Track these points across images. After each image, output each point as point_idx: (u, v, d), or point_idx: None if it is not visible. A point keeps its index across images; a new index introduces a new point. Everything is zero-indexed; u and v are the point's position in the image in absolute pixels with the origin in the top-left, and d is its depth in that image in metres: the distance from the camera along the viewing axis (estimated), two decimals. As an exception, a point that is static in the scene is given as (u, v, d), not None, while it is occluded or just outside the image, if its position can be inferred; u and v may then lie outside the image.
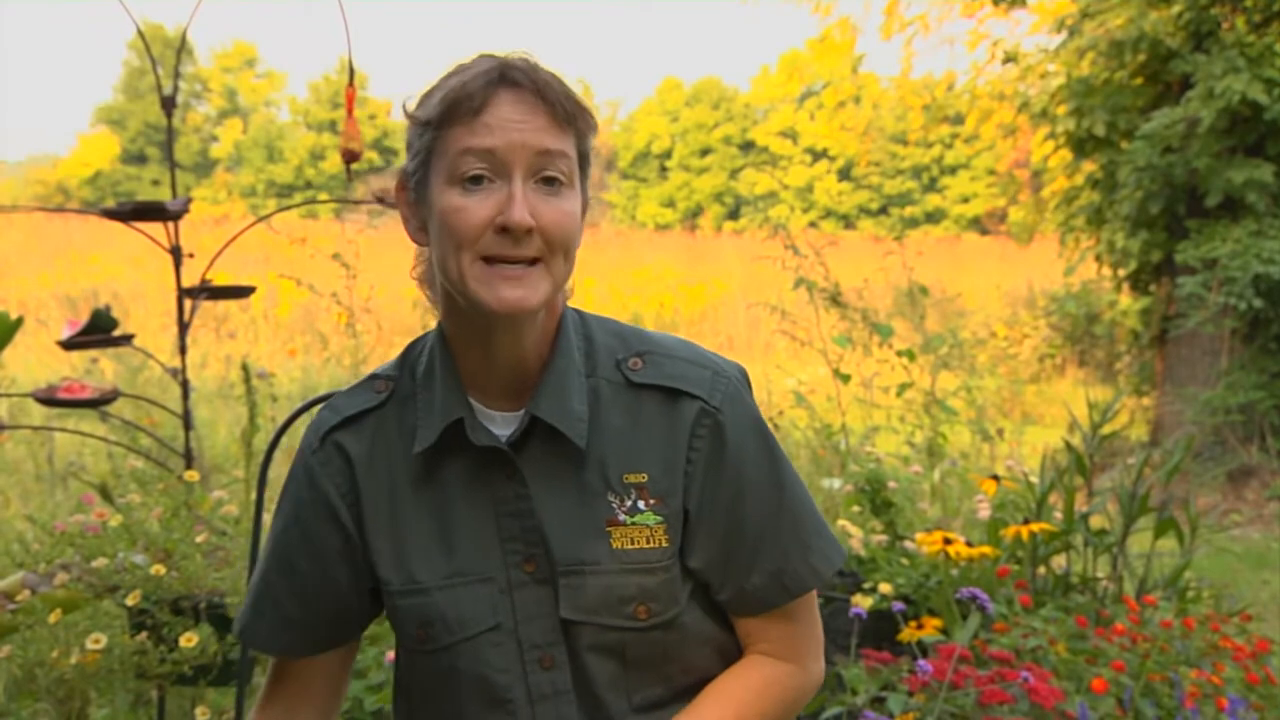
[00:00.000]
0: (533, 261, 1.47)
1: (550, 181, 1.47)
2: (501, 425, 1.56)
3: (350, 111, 3.42)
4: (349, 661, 1.73)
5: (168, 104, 3.64)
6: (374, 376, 1.66)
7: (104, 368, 8.25)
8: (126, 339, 3.65)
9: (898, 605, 3.27)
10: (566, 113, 1.47)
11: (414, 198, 1.54)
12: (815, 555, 1.61)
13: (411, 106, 1.52)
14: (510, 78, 1.46)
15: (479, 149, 1.44)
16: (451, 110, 1.46)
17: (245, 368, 3.77)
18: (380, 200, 3.73)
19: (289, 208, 4.63)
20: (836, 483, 5.26)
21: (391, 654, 3.25)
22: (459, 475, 1.56)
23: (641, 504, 1.54)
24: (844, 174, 36.72)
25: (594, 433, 1.55)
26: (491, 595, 1.56)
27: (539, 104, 1.46)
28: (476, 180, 1.45)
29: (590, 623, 1.54)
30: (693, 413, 1.55)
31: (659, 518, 1.54)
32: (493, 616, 1.56)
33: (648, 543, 1.53)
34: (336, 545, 1.62)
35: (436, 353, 1.59)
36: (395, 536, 1.59)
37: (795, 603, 1.62)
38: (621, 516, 1.54)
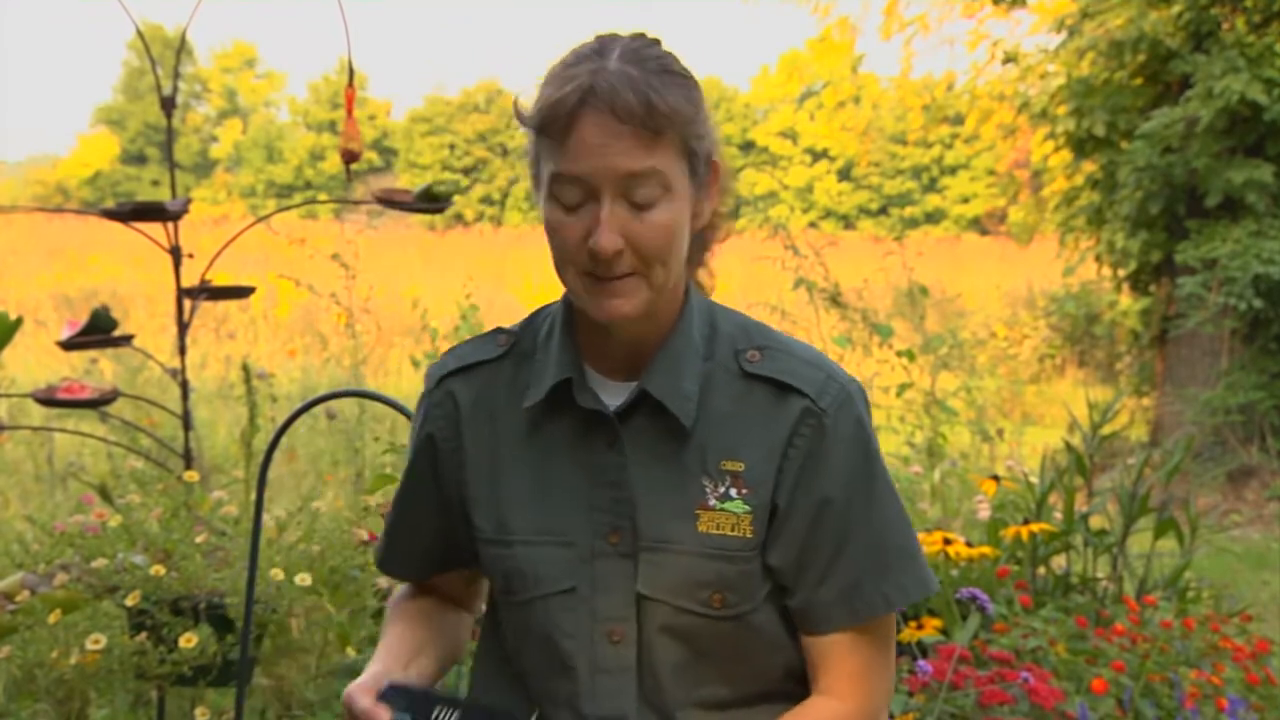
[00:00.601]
0: (630, 275, 1.49)
1: (640, 202, 1.48)
2: (612, 394, 1.59)
3: (350, 112, 3.42)
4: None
5: (167, 104, 3.64)
6: (498, 331, 1.71)
7: (103, 368, 8.24)
8: (126, 339, 3.65)
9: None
10: (653, 128, 1.46)
11: (534, 185, 1.59)
12: (891, 582, 1.58)
13: (524, 104, 1.54)
14: (589, 102, 1.46)
15: (568, 175, 1.47)
16: (544, 126, 1.49)
17: (246, 368, 3.78)
18: (380, 201, 3.74)
19: (288, 208, 4.63)
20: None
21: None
22: (564, 436, 1.60)
23: (734, 491, 1.54)
24: (844, 174, 36.72)
25: (700, 415, 1.56)
26: (571, 560, 1.58)
27: (622, 126, 1.45)
28: (570, 203, 1.49)
29: (665, 602, 1.54)
30: (798, 410, 1.55)
31: (747, 507, 1.54)
32: (569, 579, 1.58)
33: (733, 530, 1.54)
34: (436, 485, 1.69)
35: (559, 317, 1.63)
36: (493, 486, 1.63)
37: (866, 633, 1.59)
38: (712, 501, 1.54)
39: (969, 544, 3.85)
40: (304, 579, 2.95)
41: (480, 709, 1.55)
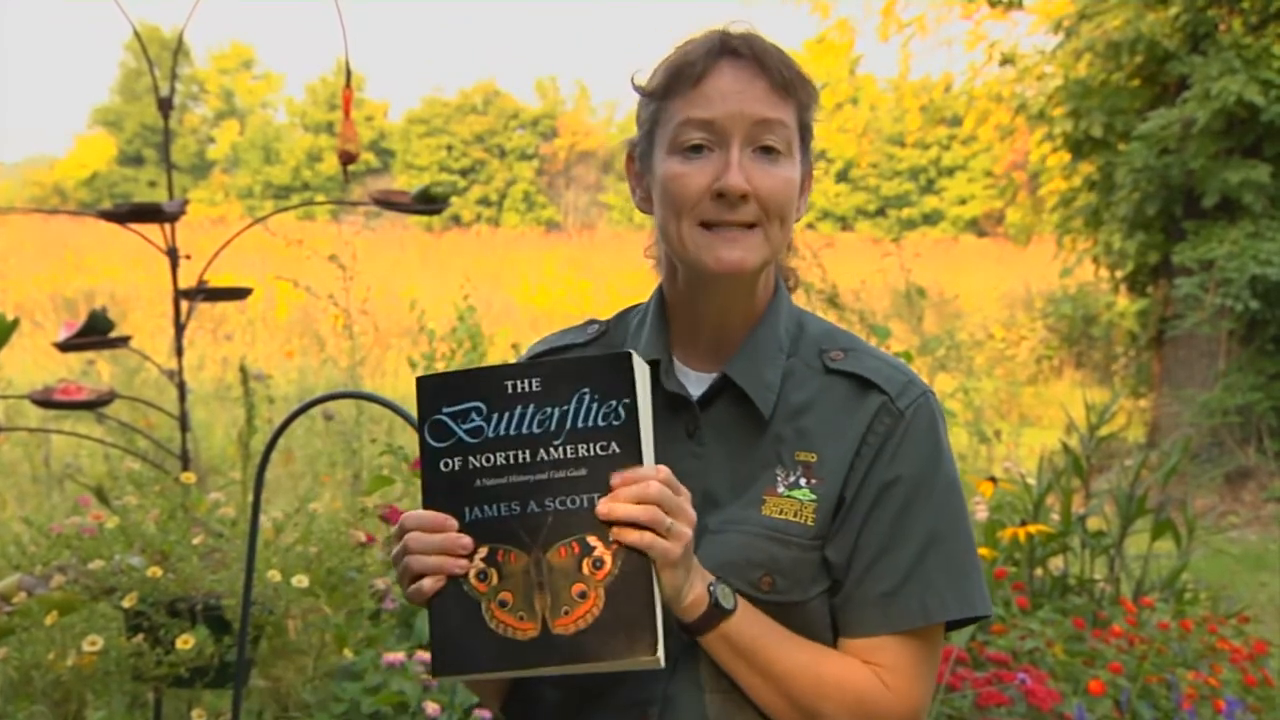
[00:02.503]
0: (750, 226, 1.52)
1: (768, 150, 1.52)
2: (696, 385, 1.60)
3: (347, 113, 3.42)
4: None
5: (164, 105, 3.64)
6: (591, 321, 1.75)
7: (101, 370, 8.24)
8: (123, 341, 3.65)
9: (895, 607, 3.26)
10: (785, 81, 1.52)
11: (640, 168, 1.61)
12: (933, 594, 1.53)
13: (639, 80, 1.58)
14: (730, 47, 1.52)
15: (698, 119, 1.51)
16: (673, 81, 1.52)
17: (243, 369, 3.77)
18: (377, 202, 3.74)
19: (286, 209, 4.63)
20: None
21: (388, 656, 3.26)
22: None
23: (803, 481, 1.54)
24: (841, 175, 36.72)
25: (779, 407, 1.57)
26: None
27: (758, 73, 1.51)
28: (696, 149, 1.51)
29: (721, 582, 1.51)
30: (876, 405, 1.56)
31: (814, 496, 1.54)
32: None
33: (795, 516, 1.53)
34: None
35: (651, 309, 1.66)
36: None
37: (910, 638, 1.54)
38: (781, 488, 1.55)
39: (966, 545, 3.84)
40: (301, 580, 2.94)
41: (574, 361, 1.46)
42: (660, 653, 1.34)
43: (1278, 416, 10.20)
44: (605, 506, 1.36)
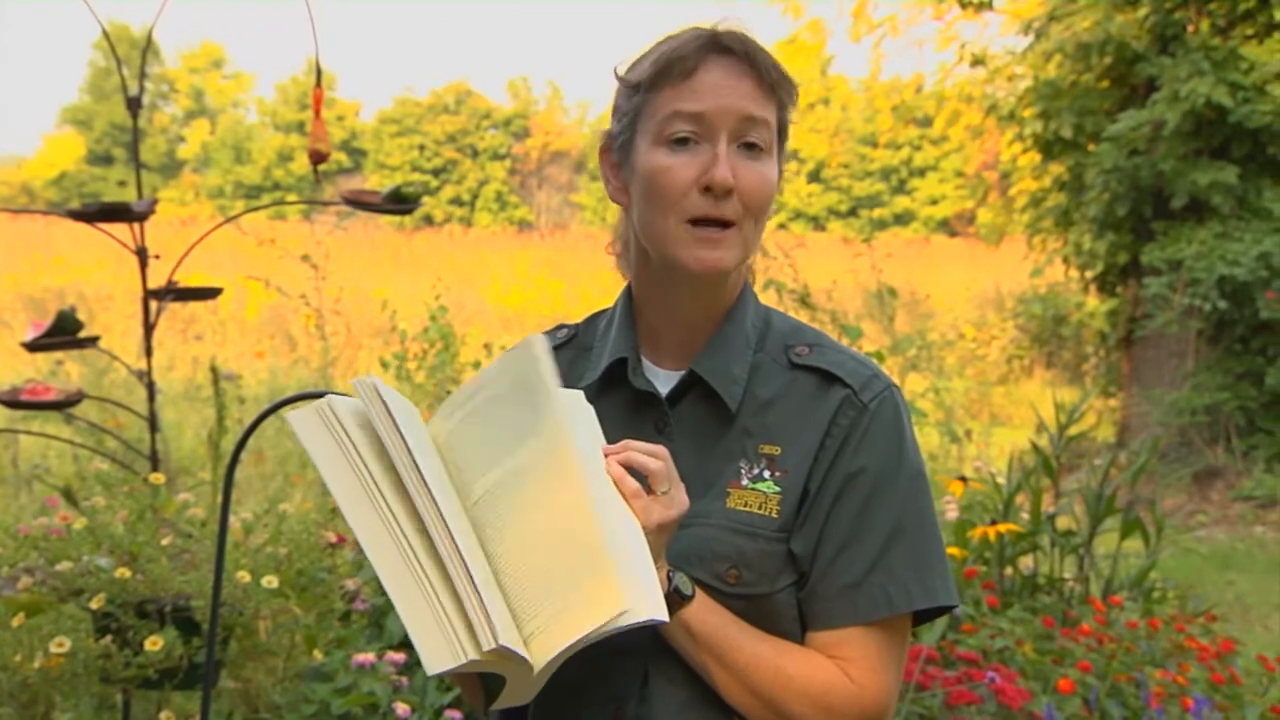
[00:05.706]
0: (729, 225, 1.53)
1: (751, 147, 1.54)
2: (664, 383, 1.62)
3: (318, 113, 3.40)
4: None
5: (134, 104, 3.61)
6: (561, 325, 1.77)
7: (69, 370, 8.19)
8: (91, 341, 3.63)
9: (866, 606, 3.27)
10: (772, 81, 1.54)
11: (617, 159, 1.62)
12: (896, 584, 1.55)
13: (622, 71, 1.59)
14: (722, 44, 1.53)
15: (687, 112, 1.52)
16: (663, 73, 1.54)
17: (214, 369, 3.75)
18: (348, 202, 3.73)
19: (257, 209, 4.61)
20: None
21: (358, 657, 3.25)
22: (614, 417, 1.60)
23: (767, 473, 1.56)
24: (813, 176, 36.81)
25: (746, 402, 1.59)
26: None
27: (748, 70, 1.53)
28: (683, 142, 1.53)
29: (681, 571, 1.52)
30: (839, 398, 1.58)
31: (778, 489, 1.55)
32: None
33: (759, 509, 1.55)
34: None
35: (620, 308, 1.67)
36: None
37: (876, 629, 1.56)
38: (745, 481, 1.56)
39: (937, 545, 3.86)
40: (271, 581, 2.93)
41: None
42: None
43: (1245, 416, 10.27)
44: (620, 445, 1.44)
